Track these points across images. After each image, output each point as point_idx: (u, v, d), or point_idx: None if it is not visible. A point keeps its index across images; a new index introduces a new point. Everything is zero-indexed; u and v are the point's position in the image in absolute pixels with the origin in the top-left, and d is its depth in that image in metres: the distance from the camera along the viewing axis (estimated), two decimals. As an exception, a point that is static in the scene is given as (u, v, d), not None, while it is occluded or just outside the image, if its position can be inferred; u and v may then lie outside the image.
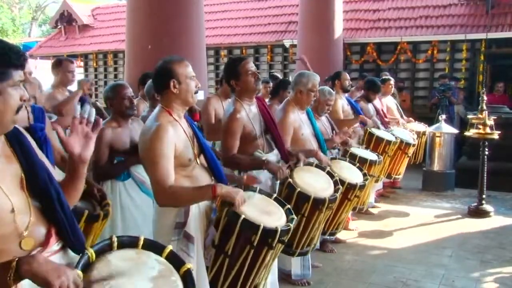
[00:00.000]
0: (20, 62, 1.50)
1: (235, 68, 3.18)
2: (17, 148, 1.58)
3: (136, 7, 5.89)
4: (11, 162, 1.56)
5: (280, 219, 2.50)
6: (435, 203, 6.42)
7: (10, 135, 1.58)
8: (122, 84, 3.39)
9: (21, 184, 1.56)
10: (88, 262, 1.60)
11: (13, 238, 1.49)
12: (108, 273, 1.59)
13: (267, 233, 2.35)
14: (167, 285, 1.66)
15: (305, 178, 3.24)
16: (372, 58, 10.54)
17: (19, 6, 29.55)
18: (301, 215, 3.16)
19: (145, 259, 1.72)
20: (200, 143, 2.53)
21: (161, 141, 2.27)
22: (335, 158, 4.08)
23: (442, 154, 7.02)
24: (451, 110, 9.00)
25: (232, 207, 2.34)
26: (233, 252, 2.36)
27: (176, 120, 2.42)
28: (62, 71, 4.57)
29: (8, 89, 1.47)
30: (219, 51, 12.29)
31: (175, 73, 2.39)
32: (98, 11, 15.38)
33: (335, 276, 4.04)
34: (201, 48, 6.09)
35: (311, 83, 3.78)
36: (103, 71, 14.06)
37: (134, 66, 5.91)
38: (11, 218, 1.48)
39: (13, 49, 1.49)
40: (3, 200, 1.47)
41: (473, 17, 9.98)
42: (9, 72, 1.47)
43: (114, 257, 1.66)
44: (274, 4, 12.71)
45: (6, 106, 1.47)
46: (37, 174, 1.58)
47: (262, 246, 2.39)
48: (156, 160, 2.27)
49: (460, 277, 4.03)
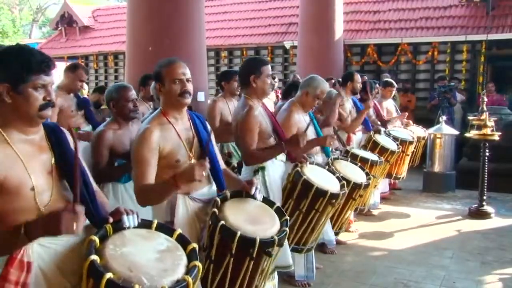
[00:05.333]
0: (41, 68, 1.73)
1: (258, 66, 3.23)
2: (53, 141, 1.88)
3: (137, 9, 5.89)
4: (44, 151, 1.84)
5: (268, 230, 2.34)
6: (436, 204, 6.42)
7: (49, 130, 1.89)
8: (127, 86, 3.35)
9: (50, 170, 1.83)
10: (106, 234, 1.81)
11: (32, 213, 1.74)
12: (121, 242, 1.79)
13: (245, 242, 2.22)
14: (172, 257, 1.82)
15: (315, 175, 3.32)
16: (372, 59, 10.55)
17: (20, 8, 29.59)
18: (315, 211, 3.24)
19: (155, 237, 1.91)
20: (201, 146, 2.52)
21: (142, 144, 2.35)
22: (338, 158, 4.10)
23: (442, 156, 7.02)
24: (451, 112, 9.00)
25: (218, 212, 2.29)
26: (216, 258, 2.30)
27: (170, 122, 2.45)
28: (74, 77, 4.56)
29: (29, 90, 1.72)
30: (220, 53, 12.31)
31: (161, 76, 2.46)
32: (98, 12, 15.41)
33: (336, 278, 4.04)
34: (202, 49, 6.09)
35: (319, 90, 3.83)
36: (104, 72, 14.08)
37: (134, 68, 5.91)
38: (31, 195, 1.74)
39: (35, 56, 1.73)
40: (25, 178, 1.73)
41: (474, 18, 9.99)
42: (29, 77, 1.72)
43: (128, 232, 1.86)
44: (274, 6, 12.73)
45: (26, 104, 1.73)
46: (67, 161, 1.86)
47: (243, 256, 2.26)
48: (135, 162, 2.38)
49: (461, 278, 4.03)
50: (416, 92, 10.52)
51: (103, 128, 3.23)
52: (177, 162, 2.42)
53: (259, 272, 2.36)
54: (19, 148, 1.76)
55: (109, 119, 3.38)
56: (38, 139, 1.85)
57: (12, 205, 1.71)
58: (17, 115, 1.75)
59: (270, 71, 3.26)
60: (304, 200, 3.24)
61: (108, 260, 1.68)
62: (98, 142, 3.16)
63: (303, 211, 3.27)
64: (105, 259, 1.69)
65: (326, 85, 3.95)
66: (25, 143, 1.79)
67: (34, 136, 1.83)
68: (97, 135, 3.20)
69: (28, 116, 1.76)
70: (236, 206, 2.43)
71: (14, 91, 1.71)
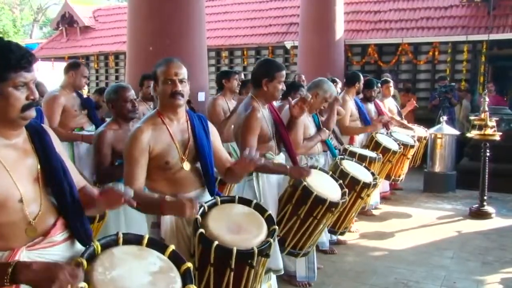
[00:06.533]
0: (20, 64, 1.55)
1: (272, 70, 3.20)
2: (37, 144, 1.70)
3: (137, 9, 5.89)
4: (28, 155, 1.67)
5: (251, 240, 2.23)
6: (436, 204, 6.41)
7: (33, 131, 1.71)
8: (125, 87, 3.34)
9: (36, 176, 1.66)
10: (94, 253, 1.69)
11: (21, 226, 1.60)
12: (110, 264, 1.67)
13: (222, 253, 2.13)
14: (166, 280, 1.72)
15: (316, 181, 3.27)
16: (373, 59, 10.54)
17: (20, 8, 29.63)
18: (313, 217, 3.20)
19: (147, 255, 1.79)
20: (197, 148, 2.47)
21: (132, 144, 2.34)
22: (344, 158, 4.10)
23: (443, 156, 7.01)
24: (452, 112, 8.99)
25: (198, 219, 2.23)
26: (199, 266, 2.22)
27: (164, 123, 2.42)
28: (78, 74, 4.54)
29: (9, 89, 1.55)
30: (220, 53, 12.31)
31: (156, 76, 2.44)
32: (99, 12, 15.41)
33: (336, 278, 4.04)
34: (202, 50, 6.09)
35: (329, 93, 3.96)
36: (105, 72, 14.09)
37: (135, 68, 5.91)
38: (19, 207, 1.59)
39: (14, 52, 1.55)
40: (11, 190, 1.57)
41: (475, 18, 9.97)
42: (8, 75, 1.54)
43: (118, 251, 1.75)
44: (275, 6, 12.72)
45: (7, 105, 1.56)
46: (53, 168, 1.70)
47: (223, 266, 2.16)
48: (126, 161, 2.37)
49: (462, 278, 4.02)
50: (417, 92, 10.50)
51: (103, 128, 3.23)
52: (167, 164, 2.39)
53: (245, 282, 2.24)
54: (2, 155, 1.59)
55: (110, 119, 3.38)
56: (21, 142, 1.67)
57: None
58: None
59: (283, 77, 3.23)
60: (303, 206, 3.19)
61: (96, 287, 1.58)
62: (99, 142, 3.16)
63: (301, 216, 3.22)
64: (93, 285, 1.57)
65: (335, 89, 4.07)
66: (8, 148, 1.61)
67: (17, 139, 1.65)
68: (98, 136, 3.20)
69: (10, 118, 1.58)
70: (223, 213, 2.35)
71: None
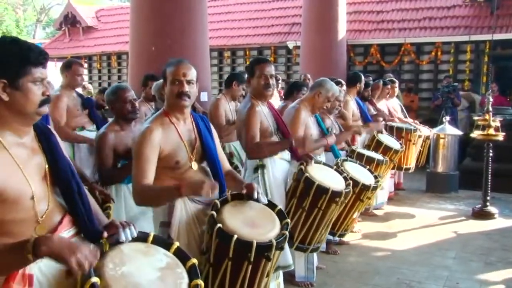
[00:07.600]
0: (39, 60, 1.63)
1: (252, 66, 3.34)
2: (44, 143, 1.75)
3: (140, 9, 5.90)
4: (36, 154, 1.72)
5: (267, 233, 2.27)
6: (439, 204, 6.40)
7: (39, 131, 1.76)
8: (124, 87, 3.32)
9: (44, 175, 1.71)
10: (102, 250, 1.72)
11: (30, 223, 1.64)
12: (120, 260, 1.72)
13: (242, 246, 2.16)
14: (173, 275, 1.78)
15: (319, 173, 3.33)
16: (375, 59, 10.53)
17: (24, 8, 29.71)
18: (318, 208, 3.25)
19: (154, 252, 1.84)
20: (204, 148, 2.50)
21: (143, 142, 2.34)
22: (347, 159, 4.10)
23: (446, 156, 6.99)
24: (454, 112, 8.97)
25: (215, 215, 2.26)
26: (214, 262, 2.25)
27: (172, 123, 2.43)
28: (72, 74, 4.55)
29: (28, 84, 1.61)
30: (223, 53, 12.32)
31: (165, 75, 2.46)
32: (102, 13, 15.45)
33: (339, 278, 4.03)
34: (205, 50, 6.09)
35: (331, 93, 3.92)
36: (107, 72, 14.12)
37: (137, 68, 5.92)
38: (31, 204, 1.63)
39: (32, 48, 1.62)
40: (25, 187, 1.62)
41: (478, 18, 9.95)
42: (28, 69, 1.60)
43: (126, 248, 1.79)
44: (277, 6, 12.72)
45: (26, 100, 1.62)
46: (60, 167, 1.75)
47: (241, 260, 2.20)
48: (136, 159, 2.36)
49: (464, 279, 4.01)
50: (419, 92, 10.50)
51: (104, 130, 3.21)
52: (177, 163, 2.41)
53: (260, 275, 2.29)
54: (15, 152, 1.62)
55: (111, 120, 3.37)
56: (30, 141, 1.72)
57: (9, 215, 1.59)
58: (13, 113, 1.62)
59: (264, 71, 3.26)
60: (306, 198, 3.25)
61: (108, 282, 1.61)
62: (101, 144, 3.15)
63: (305, 209, 3.28)
64: (105, 280, 1.61)
65: (338, 90, 4.05)
66: (20, 147, 1.66)
67: (27, 137, 1.70)
68: (99, 137, 3.18)
69: (27, 113, 1.63)
70: (236, 209, 2.39)
71: (11, 86, 1.58)
